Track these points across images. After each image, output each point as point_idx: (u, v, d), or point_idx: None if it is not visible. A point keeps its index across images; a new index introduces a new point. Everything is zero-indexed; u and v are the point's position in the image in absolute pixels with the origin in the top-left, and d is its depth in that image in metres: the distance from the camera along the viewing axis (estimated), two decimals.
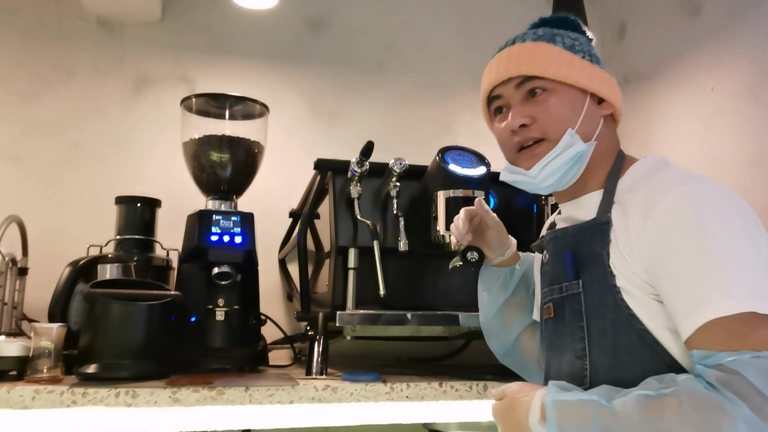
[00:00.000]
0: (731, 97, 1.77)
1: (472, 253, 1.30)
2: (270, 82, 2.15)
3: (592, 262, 0.93)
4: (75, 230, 1.89)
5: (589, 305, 0.93)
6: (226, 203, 1.64)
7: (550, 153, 0.97)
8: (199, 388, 1.22)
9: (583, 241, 0.96)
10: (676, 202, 0.84)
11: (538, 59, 0.99)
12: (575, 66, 0.99)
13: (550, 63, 0.98)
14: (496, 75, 1.03)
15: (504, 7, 2.44)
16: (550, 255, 1.05)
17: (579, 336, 0.94)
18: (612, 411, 0.79)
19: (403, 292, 1.49)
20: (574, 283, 0.95)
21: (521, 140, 1.00)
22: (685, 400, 0.74)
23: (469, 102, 2.35)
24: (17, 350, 1.30)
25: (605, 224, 0.92)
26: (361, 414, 1.30)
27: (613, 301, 0.89)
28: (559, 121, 0.97)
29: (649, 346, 0.86)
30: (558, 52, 1.00)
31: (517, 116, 0.99)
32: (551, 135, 0.97)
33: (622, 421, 0.78)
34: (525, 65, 0.99)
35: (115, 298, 1.34)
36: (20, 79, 1.95)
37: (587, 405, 0.82)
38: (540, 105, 0.98)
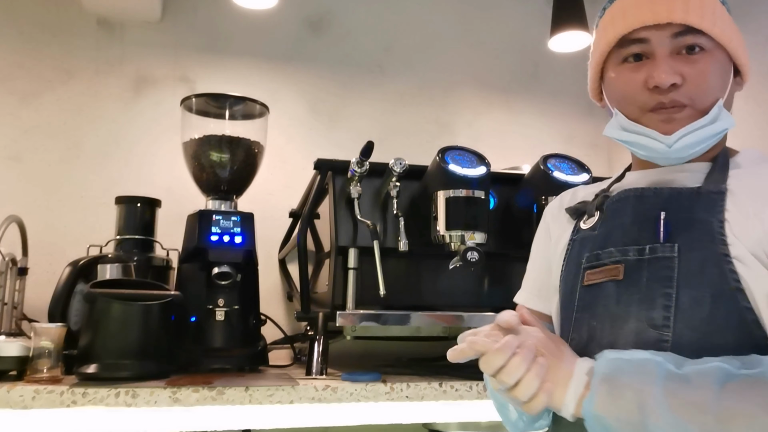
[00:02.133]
0: None
1: (472, 253, 1.30)
2: (270, 82, 2.15)
3: (693, 227, 0.81)
4: (75, 230, 1.89)
5: (684, 272, 0.79)
6: (226, 203, 1.64)
7: (696, 122, 0.84)
8: (199, 388, 1.22)
9: (682, 206, 0.83)
10: None
11: (706, 11, 0.84)
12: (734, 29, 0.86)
13: (717, 19, 0.84)
14: (651, 14, 0.84)
15: (504, 7, 2.44)
16: (617, 216, 0.90)
17: (662, 304, 0.80)
18: (683, 377, 0.69)
19: (403, 292, 1.49)
20: (667, 246, 0.81)
21: (665, 101, 0.85)
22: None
23: (469, 102, 2.35)
24: (17, 350, 1.30)
25: (717, 194, 0.81)
26: (361, 414, 1.30)
27: (718, 271, 0.77)
28: (711, 89, 0.85)
29: (748, 328, 0.75)
30: (721, 7, 0.86)
31: (670, 72, 0.83)
32: (698, 103, 0.85)
33: (696, 390, 0.68)
34: (694, 14, 0.83)
35: (115, 298, 1.34)
36: (20, 79, 1.95)
37: (653, 364, 0.71)
38: (695, 65, 0.84)
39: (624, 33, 0.87)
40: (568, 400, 0.75)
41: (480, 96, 2.36)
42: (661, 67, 0.84)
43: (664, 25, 0.84)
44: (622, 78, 0.89)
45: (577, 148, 2.36)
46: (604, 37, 0.91)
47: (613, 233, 0.89)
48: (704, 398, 0.67)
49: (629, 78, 0.88)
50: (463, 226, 1.38)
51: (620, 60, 0.90)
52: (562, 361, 0.78)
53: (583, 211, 0.97)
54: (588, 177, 1.48)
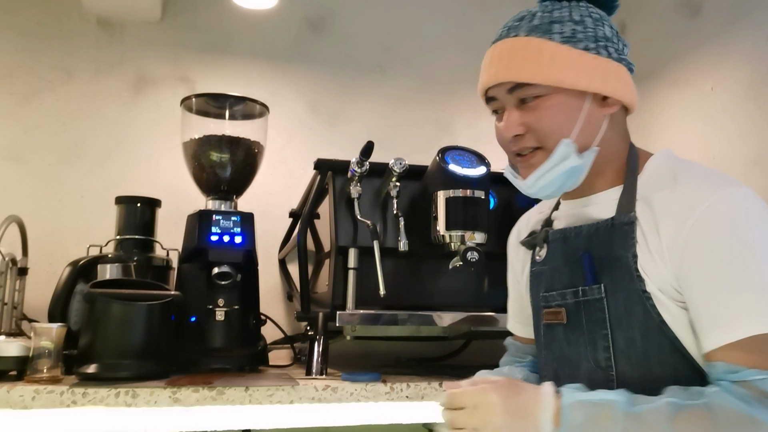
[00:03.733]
0: (731, 96, 1.77)
1: (472, 253, 1.30)
2: (270, 82, 2.15)
3: (613, 265, 0.86)
4: (75, 230, 1.89)
5: (614, 313, 0.86)
6: (226, 203, 1.64)
7: (544, 165, 0.90)
8: (199, 388, 1.22)
9: (601, 242, 0.89)
10: (715, 207, 0.80)
11: (528, 61, 0.89)
12: (571, 65, 0.88)
13: (542, 65, 0.88)
14: (487, 77, 0.94)
15: (504, 8, 2.43)
16: (553, 255, 0.97)
17: (603, 345, 0.87)
18: (639, 416, 0.74)
19: (403, 292, 1.49)
20: (595, 288, 0.88)
21: (516, 149, 0.94)
22: (718, 413, 0.71)
23: (469, 102, 2.35)
24: (17, 350, 1.30)
25: (629, 224, 0.86)
26: (361, 414, 1.30)
27: (642, 309, 0.83)
28: (552, 131, 0.89)
29: (681, 355, 0.82)
30: (552, 49, 0.88)
31: (510, 126, 0.92)
32: (547, 144, 0.90)
33: (651, 428, 0.73)
34: (514, 70, 0.90)
35: (115, 298, 1.34)
36: (20, 79, 1.95)
37: (611, 407, 0.76)
38: (533, 113, 0.90)
39: (482, 93, 0.97)
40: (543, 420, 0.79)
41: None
42: (505, 122, 0.93)
43: (501, 84, 0.92)
44: (495, 128, 0.98)
45: None
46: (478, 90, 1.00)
47: (554, 274, 0.97)
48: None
49: (497, 129, 0.97)
50: (463, 226, 1.38)
51: (491, 112, 1.00)
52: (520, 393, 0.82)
53: (535, 243, 1.03)
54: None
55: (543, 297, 0.99)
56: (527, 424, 0.79)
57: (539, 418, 0.78)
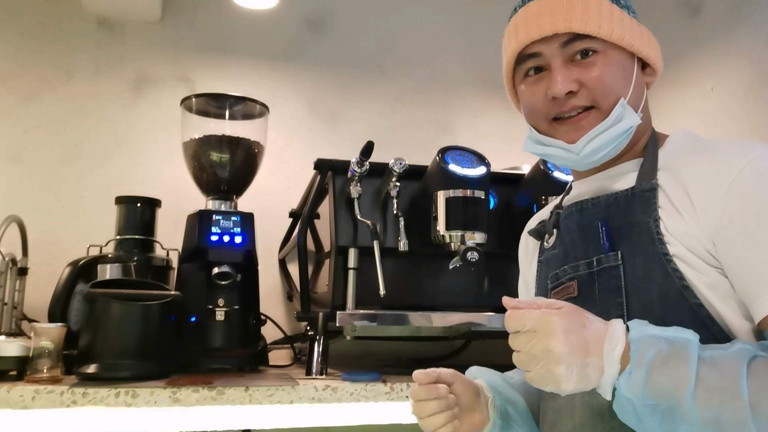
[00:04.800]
0: (731, 96, 1.77)
1: (472, 253, 1.30)
2: (270, 82, 2.15)
3: (632, 232, 0.82)
4: (75, 230, 1.89)
5: (630, 279, 0.81)
6: (226, 203, 1.64)
7: (599, 126, 0.84)
8: (199, 388, 1.22)
9: (620, 211, 0.84)
10: (756, 163, 0.75)
11: (591, 14, 0.84)
12: (626, 24, 0.86)
13: (603, 20, 0.84)
14: (537, 29, 0.86)
15: (504, 8, 2.43)
16: (568, 231, 0.92)
17: (616, 314, 0.80)
18: (712, 360, 0.68)
19: (403, 292, 1.49)
20: (611, 255, 0.83)
21: (566, 109, 0.86)
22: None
23: (469, 102, 2.35)
24: (17, 350, 1.30)
25: (650, 191, 0.82)
26: (361, 414, 1.30)
27: (662, 272, 0.78)
28: (611, 89, 0.84)
29: (702, 324, 0.75)
30: (609, 6, 0.86)
31: (564, 82, 0.84)
32: (602, 104, 0.85)
33: (724, 373, 0.67)
34: (576, 21, 0.84)
35: (115, 298, 1.34)
36: (20, 79, 1.95)
37: (685, 346, 0.69)
38: (590, 69, 0.85)
39: (518, 50, 0.89)
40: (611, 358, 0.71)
41: (480, 96, 2.36)
42: (555, 78, 0.85)
43: (551, 37, 0.85)
44: (527, 92, 0.91)
45: None
46: (505, 54, 0.94)
47: (568, 250, 0.92)
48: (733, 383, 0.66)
49: (532, 91, 0.90)
50: (462, 226, 1.38)
51: (523, 74, 0.92)
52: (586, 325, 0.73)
53: (544, 231, 0.99)
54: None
55: (552, 277, 0.94)
56: (590, 360, 0.70)
57: (605, 356, 0.70)
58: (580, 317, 0.73)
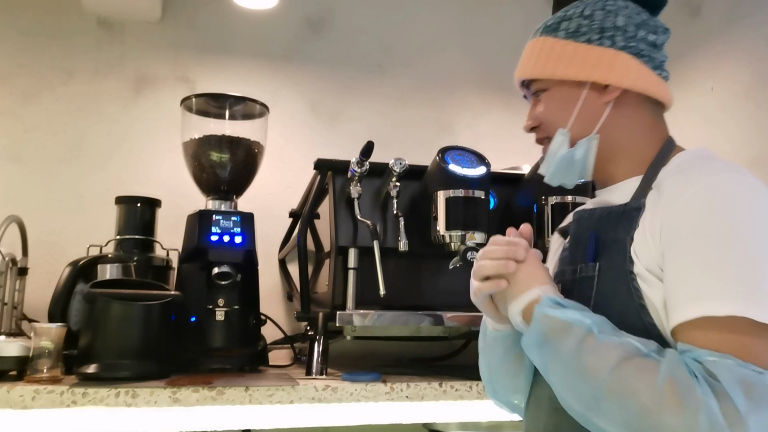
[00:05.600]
0: (731, 97, 1.77)
1: (472, 253, 1.30)
2: (270, 82, 2.15)
3: (612, 247, 0.88)
4: (75, 230, 1.89)
5: (600, 292, 0.88)
6: (226, 203, 1.64)
7: (547, 153, 0.98)
8: (199, 388, 1.22)
9: (609, 225, 0.91)
10: (707, 187, 0.80)
11: (535, 59, 0.98)
12: (568, 57, 0.95)
13: (544, 61, 0.96)
14: (516, 76, 1.02)
15: (503, 8, 2.44)
16: (571, 237, 1.00)
17: None
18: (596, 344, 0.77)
19: (403, 292, 1.49)
20: (591, 266, 0.90)
21: (537, 141, 1.02)
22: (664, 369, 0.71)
23: (469, 102, 2.35)
24: (17, 350, 1.30)
25: (636, 209, 0.87)
26: (361, 414, 1.30)
27: (625, 289, 0.84)
28: (551, 121, 0.97)
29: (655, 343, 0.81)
30: (555, 45, 0.96)
31: (528, 120, 1.01)
32: (550, 134, 0.98)
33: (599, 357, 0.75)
34: (526, 68, 0.99)
35: (115, 298, 1.34)
36: (20, 79, 1.95)
37: (575, 327, 0.79)
38: (538, 106, 0.98)
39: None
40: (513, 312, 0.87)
41: (480, 96, 2.36)
42: (528, 115, 1.01)
43: (521, 81, 1.01)
44: None
45: None
46: None
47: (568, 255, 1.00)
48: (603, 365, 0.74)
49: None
50: (462, 226, 1.38)
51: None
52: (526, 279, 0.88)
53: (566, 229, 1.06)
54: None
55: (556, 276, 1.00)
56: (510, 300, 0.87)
57: (512, 306, 0.87)
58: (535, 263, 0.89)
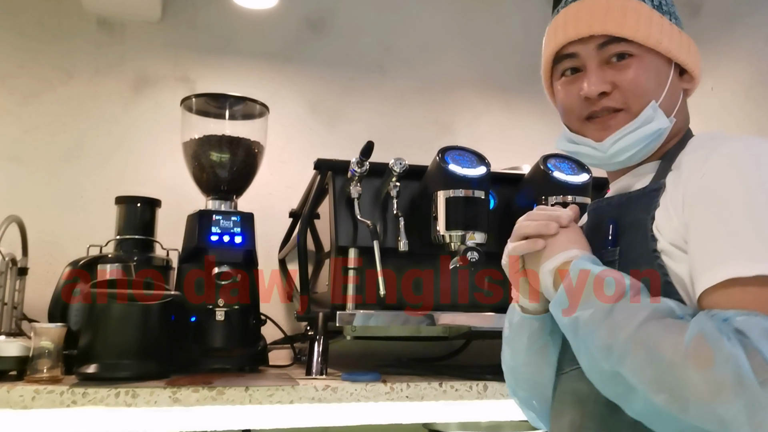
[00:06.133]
0: (731, 96, 1.77)
1: (472, 253, 1.30)
2: (270, 82, 2.15)
3: (632, 229, 0.84)
4: (75, 230, 1.89)
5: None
6: (226, 203, 1.64)
7: (627, 125, 0.87)
8: (199, 388, 1.22)
9: (629, 210, 0.86)
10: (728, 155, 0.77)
11: (628, 18, 0.87)
12: (665, 30, 0.88)
13: (641, 24, 0.87)
14: (574, 30, 0.89)
15: (504, 7, 2.44)
16: (588, 227, 0.95)
17: None
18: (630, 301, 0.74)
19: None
20: (611, 251, 0.86)
21: (597, 109, 0.89)
22: (692, 326, 0.69)
23: (469, 102, 2.35)
24: (17, 350, 1.30)
25: (656, 191, 0.83)
26: (361, 414, 1.30)
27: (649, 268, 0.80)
28: (643, 92, 0.87)
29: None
30: (648, 11, 0.88)
31: (597, 82, 0.87)
32: (632, 106, 0.87)
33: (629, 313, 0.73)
34: (613, 24, 0.87)
35: (115, 298, 1.34)
36: (20, 79, 1.95)
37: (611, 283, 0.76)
38: (624, 72, 0.87)
39: (556, 49, 0.92)
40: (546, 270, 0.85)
41: (480, 96, 2.36)
42: (590, 78, 0.88)
43: (588, 39, 0.88)
44: (562, 91, 0.94)
45: None
46: (544, 53, 0.97)
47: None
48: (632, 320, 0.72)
49: (567, 90, 0.92)
50: (463, 226, 1.38)
51: (560, 74, 0.94)
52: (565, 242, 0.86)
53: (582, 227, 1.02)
54: (588, 177, 1.48)
55: None
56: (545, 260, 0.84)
57: (546, 264, 0.84)
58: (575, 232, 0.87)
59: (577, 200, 1.45)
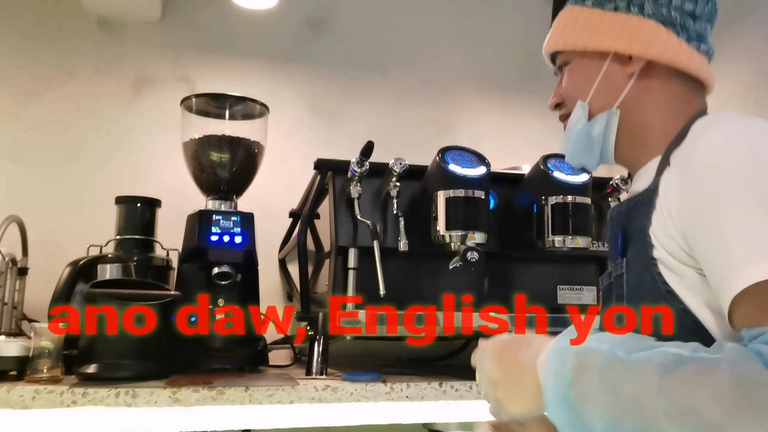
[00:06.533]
0: (731, 97, 1.77)
1: (472, 253, 1.30)
2: (270, 82, 2.15)
3: (636, 236, 0.79)
4: (75, 230, 1.89)
5: (630, 286, 0.79)
6: (226, 203, 1.64)
7: (565, 130, 0.93)
8: (199, 388, 1.22)
9: (634, 215, 0.82)
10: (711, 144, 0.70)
11: (560, 31, 0.92)
12: (599, 26, 0.87)
13: (567, 32, 0.91)
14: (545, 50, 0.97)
15: (504, 7, 2.44)
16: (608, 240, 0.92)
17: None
18: (624, 365, 0.62)
19: (403, 292, 1.49)
20: (619, 263, 0.82)
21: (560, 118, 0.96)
22: (725, 369, 0.54)
23: (469, 102, 2.35)
24: (17, 350, 1.29)
25: (653, 191, 0.78)
26: (361, 414, 1.30)
27: (650, 278, 0.75)
28: (572, 95, 0.91)
29: (692, 330, 0.71)
30: (581, 15, 0.90)
31: (552, 97, 0.96)
32: (570, 109, 0.92)
33: (638, 381, 0.59)
34: (553, 40, 0.94)
35: (115, 298, 1.34)
36: (20, 79, 1.95)
37: (594, 354, 0.65)
38: (562, 81, 0.94)
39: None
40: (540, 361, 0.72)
41: (480, 96, 2.36)
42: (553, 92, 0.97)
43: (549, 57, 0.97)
44: None
45: None
46: None
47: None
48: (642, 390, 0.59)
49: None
50: (463, 226, 1.38)
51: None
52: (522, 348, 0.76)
53: None
54: (588, 177, 1.48)
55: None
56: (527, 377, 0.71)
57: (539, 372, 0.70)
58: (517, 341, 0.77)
59: (577, 200, 1.45)
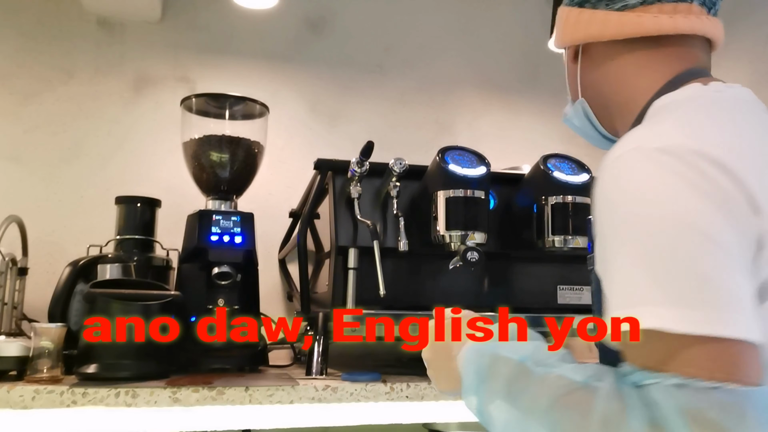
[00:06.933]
0: None
1: (472, 253, 1.30)
2: (270, 82, 2.15)
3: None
4: (75, 230, 1.89)
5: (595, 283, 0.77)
6: (226, 203, 1.64)
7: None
8: (199, 388, 1.22)
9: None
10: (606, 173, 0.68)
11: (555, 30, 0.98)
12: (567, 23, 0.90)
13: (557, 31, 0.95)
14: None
15: (504, 7, 2.44)
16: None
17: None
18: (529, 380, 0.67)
19: (403, 292, 1.49)
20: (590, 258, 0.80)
21: None
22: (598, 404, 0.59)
23: (469, 102, 2.35)
24: (17, 350, 1.29)
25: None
26: (361, 414, 1.30)
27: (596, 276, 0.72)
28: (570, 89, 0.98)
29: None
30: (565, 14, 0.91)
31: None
32: None
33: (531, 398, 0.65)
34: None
35: (115, 298, 1.34)
36: (20, 79, 1.95)
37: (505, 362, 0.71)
38: None
39: None
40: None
41: (480, 96, 2.36)
42: None
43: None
44: None
45: (577, 147, 2.34)
46: None
47: None
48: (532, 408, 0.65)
49: None
50: (463, 226, 1.38)
51: None
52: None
53: None
54: (588, 177, 1.48)
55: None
56: (450, 364, 0.80)
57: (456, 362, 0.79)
58: (456, 325, 0.83)
59: (577, 200, 1.45)
